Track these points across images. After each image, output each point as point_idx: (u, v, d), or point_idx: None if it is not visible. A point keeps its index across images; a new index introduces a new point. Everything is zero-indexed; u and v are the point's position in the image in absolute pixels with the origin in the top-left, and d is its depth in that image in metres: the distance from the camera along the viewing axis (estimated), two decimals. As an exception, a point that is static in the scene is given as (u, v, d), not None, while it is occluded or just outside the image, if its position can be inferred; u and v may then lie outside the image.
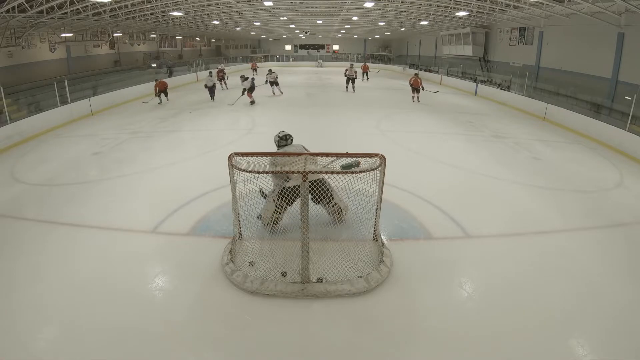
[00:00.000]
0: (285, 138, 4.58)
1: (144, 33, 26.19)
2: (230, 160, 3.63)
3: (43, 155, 8.02)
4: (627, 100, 9.71)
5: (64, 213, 5.19)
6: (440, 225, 4.88)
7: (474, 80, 19.07)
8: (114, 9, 15.44)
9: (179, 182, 6.26)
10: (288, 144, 4.58)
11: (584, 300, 3.55)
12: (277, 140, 4.62)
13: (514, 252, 4.35)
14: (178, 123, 10.94)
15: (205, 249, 4.27)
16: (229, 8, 19.37)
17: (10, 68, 15.80)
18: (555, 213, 5.37)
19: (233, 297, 3.51)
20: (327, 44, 42.71)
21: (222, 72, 18.63)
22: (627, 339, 3.10)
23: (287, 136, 4.60)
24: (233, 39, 41.92)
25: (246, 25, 28.44)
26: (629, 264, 4.17)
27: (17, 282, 3.72)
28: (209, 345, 3.00)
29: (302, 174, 3.36)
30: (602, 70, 12.90)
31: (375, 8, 19.47)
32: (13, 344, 2.96)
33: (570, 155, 8.39)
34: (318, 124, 10.61)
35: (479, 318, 3.30)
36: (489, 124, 11.35)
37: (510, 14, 16.77)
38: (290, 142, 4.62)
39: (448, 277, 3.89)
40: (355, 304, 3.44)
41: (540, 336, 3.09)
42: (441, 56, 27.29)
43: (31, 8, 12.18)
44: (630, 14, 11.33)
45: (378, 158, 3.65)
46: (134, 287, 3.65)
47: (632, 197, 6.12)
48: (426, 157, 7.82)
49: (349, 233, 4.13)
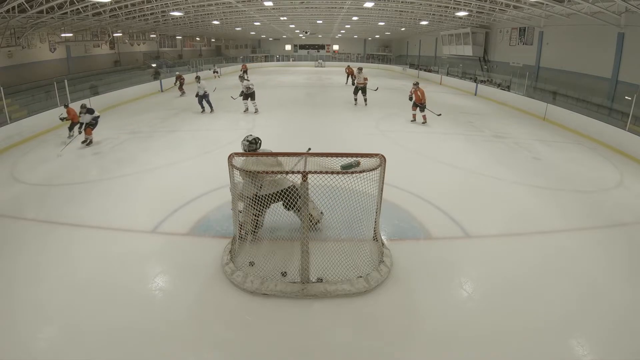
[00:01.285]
0: (255, 142, 4.38)
1: (144, 33, 26.19)
2: (230, 160, 3.63)
3: (43, 155, 8.02)
4: (627, 100, 9.71)
5: (64, 213, 5.19)
6: (440, 225, 4.88)
7: (474, 80, 19.07)
8: (114, 9, 15.44)
9: (179, 182, 6.26)
10: (257, 147, 4.41)
11: (584, 300, 3.55)
12: (246, 146, 4.36)
13: (513, 252, 4.35)
14: (178, 123, 10.95)
15: (205, 249, 4.27)
16: (229, 8, 19.37)
17: (10, 68, 15.79)
18: (555, 213, 5.37)
19: (233, 297, 3.51)
20: (327, 44, 42.72)
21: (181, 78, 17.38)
22: (627, 339, 3.10)
23: (256, 139, 4.41)
24: (233, 39, 41.91)
25: (246, 25, 28.43)
26: (629, 264, 4.17)
27: (17, 282, 3.73)
28: (209, 345, 3.00)
29: (302, 174, 3.36)
30: (602, 70, 12.90)
31: (375, 8, 19.47)
32: (13, 344, 2.96)
33: (570, 155, 8.39)
34: (318, 124, 10.61)
35: (479, 318, 3.30)
36: (489, 124, 11.35)
37: (510, 14, 16.77)
38: (259, 146, 4.45)
39: (448, 277, 3.89)
40: (355, 304, 3.44)
41: (540, 336, 3.09)
42: (441, 56, 27.31)
43: (31, 8, 12.18)
44: (630, 14, 11.33)
45: (378, 158, 3.65)
46: (134, 287, 3.65)
47: (632, 197, 6.12)
48: (426, 157, 7.82)
49: (349, 233, 4.13)
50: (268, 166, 3.96)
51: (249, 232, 4.20)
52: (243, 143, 4.38)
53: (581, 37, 14.01)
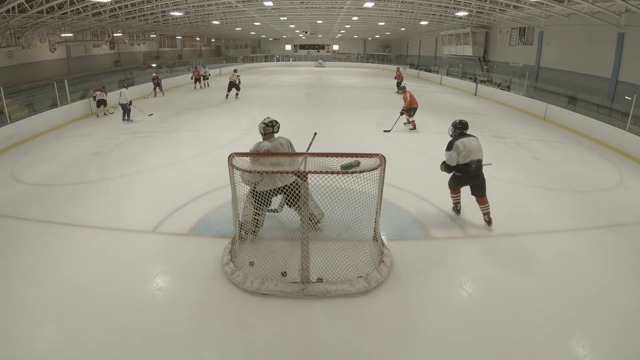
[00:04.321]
0: (272, 124, 4.31)
1: (144, 33, 26.18)
2: (230, 160, 3.63)
3: (43, 155, 8.02)
4: (627, 100, 9.71)
5: (64, 213, 5.18)
6: (440, 225, 4.88)
7: (474, 80, 19.07)
8: (114, 9, 15.44)
9: (179, 182, 6.26)
10: (275, 131, 4.36)
11: (584, 300, 3.55)
12: (262, 128, 4.30)
13: (514, 252, 4.35)
14: (178, 123, 10.94)
15: (205, 249, 4.27)
16: (229, 8, 19.37)
17: (10, 68, 15.80)
18: (555, 213, 5.37)
19: (233, 297, 3.50)
20: (327, 44, 42.72)
21: (157, 79, 16.59)
22: (628, 339, 3.10)
23: (274, 122, 4.34)
24: (233, 39, 41.91)
25: (246, 25, 28.44)
26: (629, 264, 4.16)
27: (17, 282, 3.72)
28: (209, 345, 3.00)
29: (302, 174, 3.36)
30: (602, 70, 12.90)
31: (375, 8, 19.47)
32: (13, 344, 2.96)
33: (570, 155, 8.39)
34: (318, 124, 10.57)
35: (479, 318, 3.29)
36: (489, 124, 11.35)
37: (510, 14, 16.77)
38: (277, 130, 4.39)
39: (448, 277, 3.88)
40: (355, 304, 3.44)
41: (540, 336, 3.09)
42: (441, 56, 27.30)
43: (31, 8, 12.18)
44: (630, 14, 11.33)
45: (378, 158, 3.64)
46: (134, 287, 3.64)
47: (632, 197, 6.12)
48: (426, 157, 7.81)
49: (349, 233, 4.13)
50: (268, 165, 3.96)
51: (249, 232, 4.20)
52: (260, 126, 4.32)
53: (581, 37, 14.01)
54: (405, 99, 9.81)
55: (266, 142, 4.22)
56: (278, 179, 4.02)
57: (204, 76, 19.55)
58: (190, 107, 13.41)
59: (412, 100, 9.77)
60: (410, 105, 9.79)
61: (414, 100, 9.82)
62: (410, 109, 9.86)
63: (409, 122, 10.07)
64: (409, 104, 9.76)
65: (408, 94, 9.85)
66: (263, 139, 4.33)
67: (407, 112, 9.92)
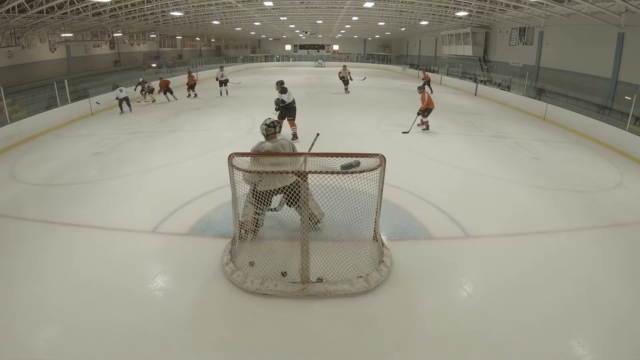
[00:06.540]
0: (274, 125, 4.32)
1: (144, 33, 26.20)
2: (230, 160, 3.62)
3: (43, 155, 8.02)
4: (627, 100, 9.72)
5: (64, 213, 5.18)
6: (440, 225, 4.87)
7: (474, 80, 19.07)
8: (114, 9, 15.45)
9: (179, 182, 6.26)
10: (277, 131, 4.37)
11: (584, 300, 3.55)
12: (264, 129, 4.31)
13: (513, 252, 4.35)
14: (178, 123, 10.95)
15: (205, 249, 4.27)
16: (229, 8, 19.38)
17: (10, 68, 15.81)
18: (555, 213, 5.37)
19: (233, 297, 3.50)
20: (327, 44, 42.73)
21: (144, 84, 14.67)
22: (627, 339, 3.10)
23: (275, 123, 4.36)
24: (233, 39, 41.92)
25: (246, 25, 28.46)
26: (629, 264, 4.17)
27: (17, 282, 3.72)
28: (209, 345, 3.00)
29: (302, 174, 3.36)
30: (602, 70, 12.91)
31: (375, 8, 19.48)
32: (13, 344, 2.96)
33: (570, 155, 8.39)
34: (318, 124, 10.55)
35: (479, 318, 3.29)
36: (489, 124, 11.35)
37: (510, 14, 16.78)
38: (279, 130, 4.42)
39: (448, 277, 3.88)
40: (355, 304, 3.44)
41: (541, 336, 3.09)
42: (441, 56, 27.31)
43: (31, 8, 12.19)
44: (630, 14, 11.33)
45: (378, 158, 3.64)
46: (134, 287, 3.64)
47: (632, 197, 6.12)
48: (426, 157, 7.82)
49: (349, 233, 4.13)
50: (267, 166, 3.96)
51: (249, 232, 4.20)
52: (261, 127, 4.32)
53: (581, 37, 14.01)
54: (423, 100, 9.82)
55: (267, 143, 4.23)
56: (278, 180, 4.02)
57: (222, 81, 15.88)
58: (190, 107, 13.42)
59: (429, 101, 9.81)
60: (427, 106, 9.82)
61: (430, 101, 9.86)
62: (426, 110, 9.89)
63: (422, 123, 10.12)
64: (426, 104, 9.79)
65: (426, 95, 9.88)
66: (265, 139, 4.33)
67: (423, 112, 9.96)
